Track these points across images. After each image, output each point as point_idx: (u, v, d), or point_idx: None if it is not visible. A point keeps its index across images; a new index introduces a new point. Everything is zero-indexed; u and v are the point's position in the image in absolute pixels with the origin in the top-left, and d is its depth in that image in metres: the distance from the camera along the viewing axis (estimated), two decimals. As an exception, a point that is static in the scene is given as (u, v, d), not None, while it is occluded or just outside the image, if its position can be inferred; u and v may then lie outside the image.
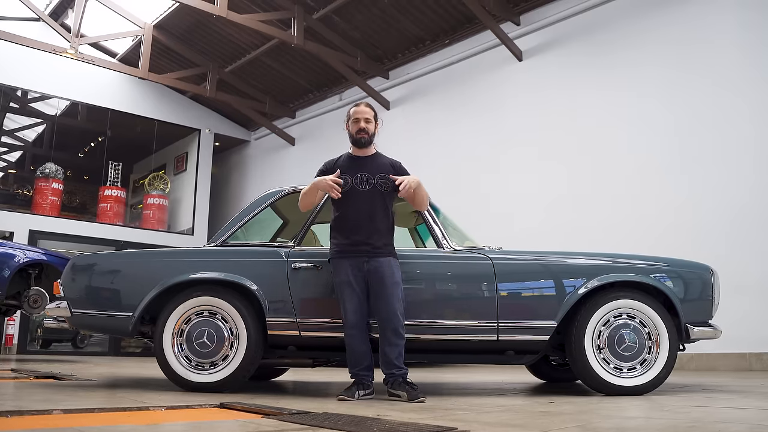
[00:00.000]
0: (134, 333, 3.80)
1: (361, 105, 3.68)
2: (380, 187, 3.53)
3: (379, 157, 3.67)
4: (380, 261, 3.43)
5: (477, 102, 9.75)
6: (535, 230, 8.33)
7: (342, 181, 3.47)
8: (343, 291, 3.44)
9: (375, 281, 3.40)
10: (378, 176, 3.55)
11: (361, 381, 3.39)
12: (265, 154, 14.21)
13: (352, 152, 3.67)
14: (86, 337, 12.22)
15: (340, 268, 3.47)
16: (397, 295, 3.40)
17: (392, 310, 3.36)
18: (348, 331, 3.42)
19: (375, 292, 3.41)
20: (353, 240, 3.46)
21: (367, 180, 3.53)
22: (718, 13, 7.30)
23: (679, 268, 3.84)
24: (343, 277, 3.45)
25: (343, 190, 3.49)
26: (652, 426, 2.30)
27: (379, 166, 3.60)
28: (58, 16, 11.96)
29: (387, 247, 3.51)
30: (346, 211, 3.51)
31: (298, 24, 10.20)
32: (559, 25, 8.84)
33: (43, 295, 7.17)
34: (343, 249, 3.49)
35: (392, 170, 3.60)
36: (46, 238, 11.75)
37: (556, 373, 4.81)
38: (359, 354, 3.42)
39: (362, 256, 3.43)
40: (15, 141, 15.45)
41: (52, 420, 2.31)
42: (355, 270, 3.43)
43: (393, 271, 3.44)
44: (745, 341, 6.37)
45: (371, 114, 3.63)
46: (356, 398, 3.28)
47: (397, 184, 3.48)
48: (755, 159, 6.75)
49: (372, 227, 3.47)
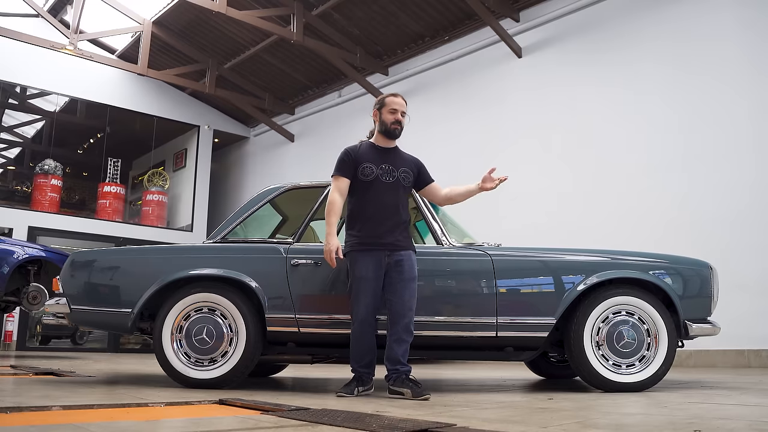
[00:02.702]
0: (133, 329, 3.80)
1: (399, 97, 3.63)
2: (403, 180, 3.50)
3: (401, 152, 3.64)
4: (402, 254, 3.39)
5: (476, 98, 9.75)
6: (534, 227, 8.33)
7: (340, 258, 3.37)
8: (360, 286, 3.35)
9: (395, 274, 3.35)
10: (401, 170, 3.51)
11: (361, 377, 3.36)
12: (264, 151, 14.21)
13: (375, 142, 3.60)
14: (85, 334, 12.20)
15: (361, 263, 3.37)
16: (413, 291, 3.37)
17: (407, 306, 3.32)
18: (357, 326, 3.36)
19: (392, 285, 3.35)
20: (377, 232, 3.39)
21: (391, 172, 3.48)
22: (717, 9, 7.29)
23: (678, 264, 3.85)
24: (363, 273, 3.35)
25: (368, 179, 3.45)
26: (650, 422, 2.30)
27: (402, 161, 3.57)
28: (57, 12, 11.95)
29: (408, 240, 3.47)
30: (369, 203, 3.44)
31: (298, 20, 10.19)
32: (559, 21, 8.83)
33: (42, 292, 7.17)
34: (365, 242, 3.39)
35: (415, 167, 3.59)
36: (46, 234, 11.76)
37: (555, 369, 4.82)
38: (364, 350, 3.37)
39: (385, 250, 3.38)
40: (14, 137, 15.45)
41: (52, 416, 2.31)
42: (376, 266, 3.35)
43: (413, 265, 3.41)
44: (744, 338, 6.38)
45: (406, 108, 3.62)
46: (355, 395, 3.25)
47: (492, 176, 3.74)
48: (755, 156, 6.75)
49: (396, 220, 3.43)
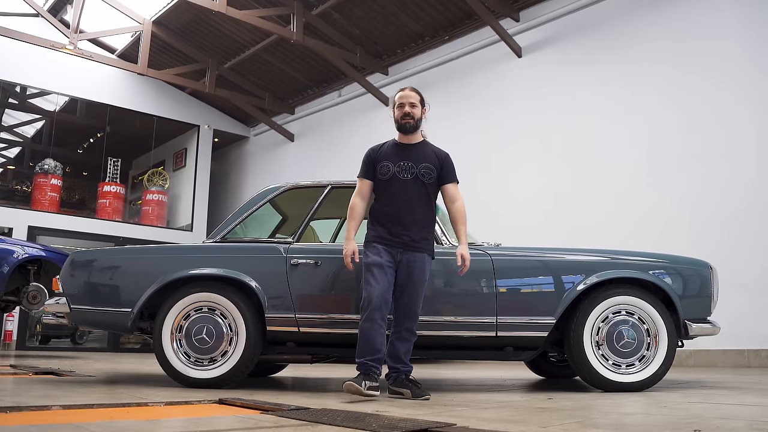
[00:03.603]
0: (133, 329, 3.80)
1: (407, 89, 3.54)
2: (423, 177, 3.40)
3: (425, 146, 3.52)
4: (415, 256, 3.33)
5: (476, 98, 9.74)
6: (534, 226, 8.33)
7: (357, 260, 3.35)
8: (372, 271, 3.25)
9: (405, 274, 3.31)
10: (422, 165, 3.42)
11: (368, 371, 3.16)
12: (264, 150, 14.20)
13: (398, 139, 3.54)
14: (85, 333, 12.19)
15: (374, 250, 3.31)
16: (421, 293, 3.33)
17: (414, 307, 3.31)
18: (368, 314, 3.18)
19: (401, 285, 3.32)
20: (391, 230, 3.34)
21: (409, 169, 3.39)
22: (717, 8, 7.28)
23: (677, 264, 3.85)
24: (375, 258, 3.28)
25: (385, 177, 3.40)
26: (650, 422, 2.30)
27: (425, 156, 3.45)
28: (56, 12, 11.94)
29: (425, 241, 3.38)
30: (385, 200, 3.41)
31: (298, 20, 10.18)
32: (559, 21, 8.83)
33: (42, 291, 7.17)
34: (380, 236, 3.35)
35: (437, 160, 3.47)
36: (45, 234, 11.76)
37: (555, 369, 4.82)
38: (373, 343, 3.19)
39: (398, 247, 3.33)
40: (14, 137, 15.45)
41: (51, 416, 2.31)
42: (389, 256, 3.30)
43: (425, 268, 3.35)
44: (744, 338, 6.38)
45: (417, 98, 3.50)
46: (364, 388, 3.05)
47: (459, 264, 3.32)
48: (755, 156, 6.74)
49: (411, 218, 3.36)
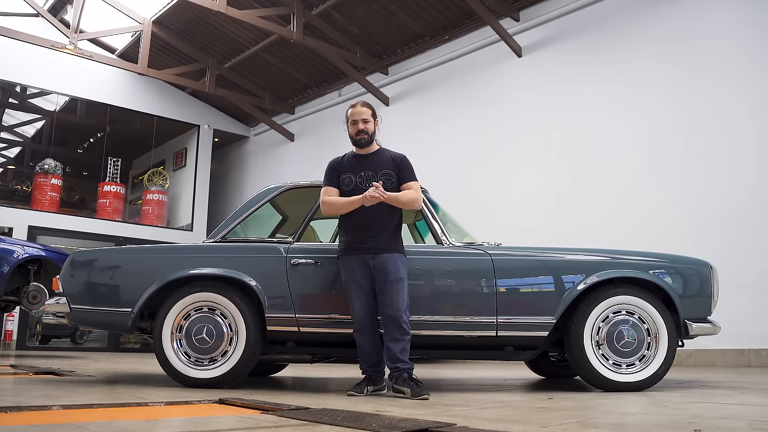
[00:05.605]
0: (133, 329, 3.80)
1: (357, 105, 3.61)
2: (384, 184, 3.48)
3: (382, 154, 3.62)
4: (385, 257, 3.42)
5: (476, 98, 9.74)
6: (534, 227, 8.32)
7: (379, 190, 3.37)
8: (351, 289, 3.46)
9: (380, 277, 3.41)
10: (381, 173, 3.52)
11: (370, 377, 3.45)
12: (264, 150, 14.20)
13: (356, 151, 3.63)
14: (85, 333, 12.19)
15: (348, 266, 3.48)
16: (401, 291, 3.39)
17: (396, 305, 3.35)
18: (356, 327, 3.45)
19: (379, 288, 3.41)
20: (359, 238, 3.47)
21: (370, 178, 3.50)
22: (718, 8, 7.28)
23: (678, 264, 3.84)
24: (350, 275, 3.47)
25: (348, 188, 3.50)
26: (650, 422, 2.30)
27: (382, 163, 3.56)
28: (57, 12, 11.93)
29: (393, 244, 3.50)
30: (352, 211, 3.48)
31: (298, 20, 10.18)
32: (559, 21, 8.83)
33: (42, 291, 7.17)
34: (349, 246, 3.50)
35: (393, 165, 3.56)
36: (45, 233, 11.75)
37: (555, 369, 4.82)
38: (368, 351, 3.46)
39: (368, 253, 3.43)
40: (14, 137, 15.44)
41: (51, 416, 2.31)
42: (362, 268, 3.44)
43: (398, 267, 3.43)
44: (744, 337, 6.38)
45: (368, 113, 3.57)
46: (365, 394, 3.31)
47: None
48: (756, 155, 6.74)
49: (378, 225, 3.47)
